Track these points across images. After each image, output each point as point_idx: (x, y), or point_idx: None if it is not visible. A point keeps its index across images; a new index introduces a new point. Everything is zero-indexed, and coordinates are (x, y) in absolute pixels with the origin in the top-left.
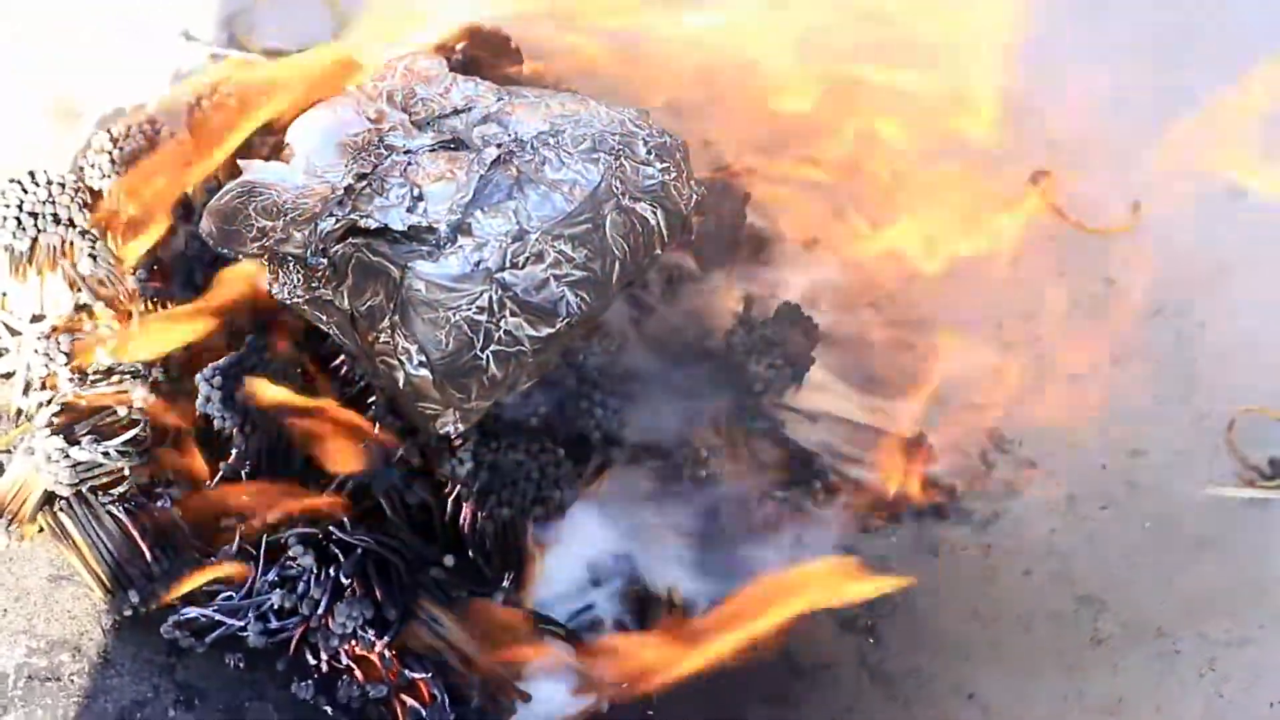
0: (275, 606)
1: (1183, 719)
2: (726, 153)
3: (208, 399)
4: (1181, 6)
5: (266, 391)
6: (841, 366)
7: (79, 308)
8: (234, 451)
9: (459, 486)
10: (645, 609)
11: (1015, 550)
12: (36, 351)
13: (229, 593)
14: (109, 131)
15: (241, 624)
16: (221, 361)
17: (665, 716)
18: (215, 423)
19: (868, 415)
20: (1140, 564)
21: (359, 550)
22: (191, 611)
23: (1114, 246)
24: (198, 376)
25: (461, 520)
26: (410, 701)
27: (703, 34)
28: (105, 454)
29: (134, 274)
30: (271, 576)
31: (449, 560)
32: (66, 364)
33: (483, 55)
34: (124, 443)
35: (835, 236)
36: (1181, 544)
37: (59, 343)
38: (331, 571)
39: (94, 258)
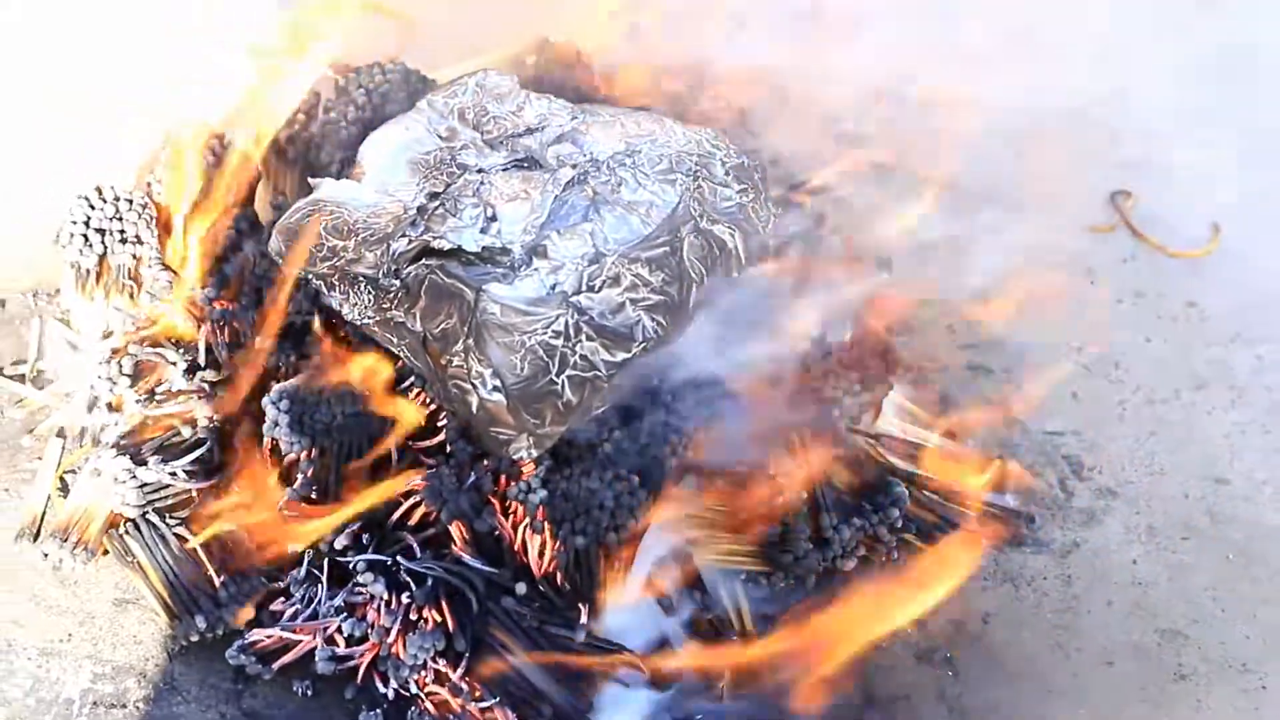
0: (345, 634)
1: None
2: (797, 170)
3: (275, 423)
4: (1262, 27)
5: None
6: (918, 391)
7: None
8: (299, 476)
9: (531, 515)
10: (717, 634)
11: (1096, 581)
12: (100, 376)
13: (294, 615)
14: (174, 145)
15: (309, 646)
16: (288, 384)
17: None
18: (282, 447)
19: (945, 441)
20: (1224, 596)
21: (430, 579)
22: (256, 634)
23: (1194, 269)
24: (265, 400)
25: (534, 550)
26: None
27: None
28: (173, 474)
29: (201, 291)
30: (338, 601)
31: (520, 588)
32: (131, 385)
33: (554, 70)
34: (190, 462)
35: (912, 256)
36: (1266, 576)
37: (121, 365)
38: (403, 599)
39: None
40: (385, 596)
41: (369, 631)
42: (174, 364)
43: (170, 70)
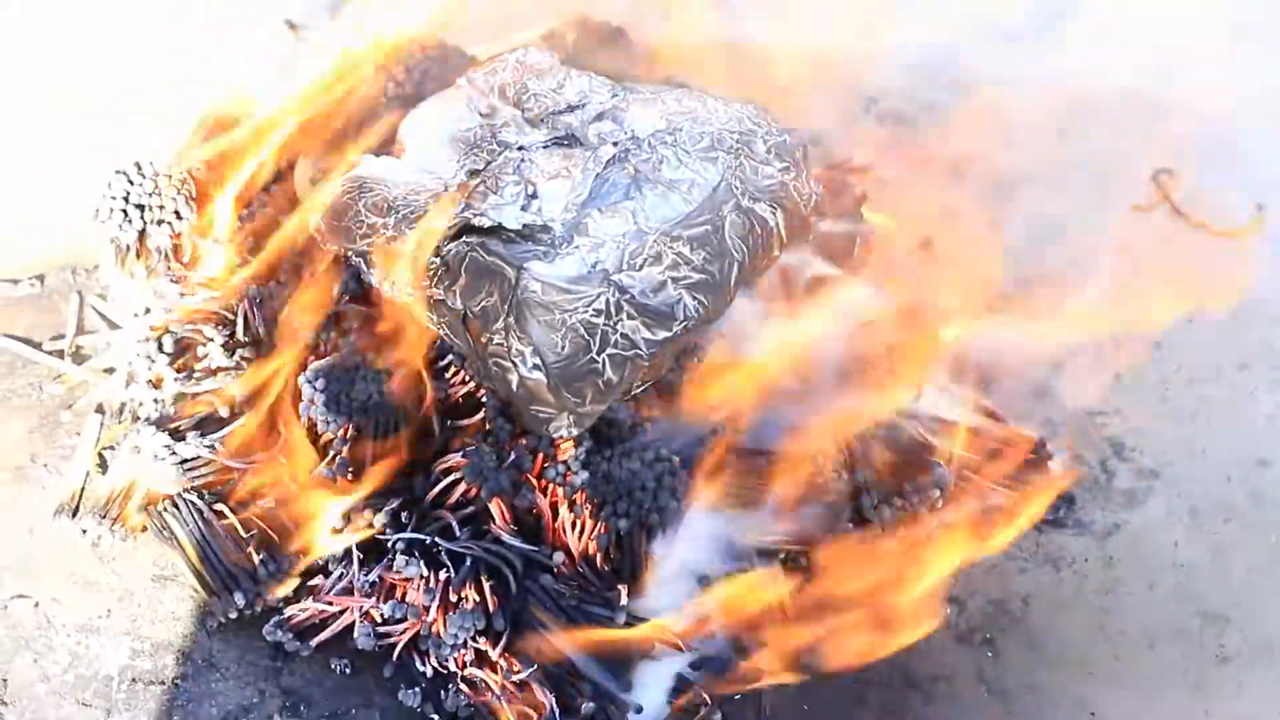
0: (384, 613)
1: None
2: (837, 150)
3: (311, 401)
4: None
5: None
6: (960, 371)
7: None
8: (334, 455)
9: (571, 497)
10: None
11: (1137, 563)
12: (139, 353)
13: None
14: (213, 120)
15: (349, 622)
16: (323, 362)
17: None
18: (319, 426)
19: (987, 421)
20: (1267, 579)
21: (469, 558)
22: (294, 609)
23: (1238, 249)
24: (300, 378)
25: (574, 530)
26: (520, 709)
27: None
28: (210, 449)
29: (240, 268)
30: (373, 577)
31: (559, 557)
32: (170, 363)
33: (594, 47)
34: (227, 435)
35: (951, 236)
36: None
37: (161, 342)
38: (440, 576)
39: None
40: (423, 575)
41: (408, 610)
42: (213, 341)
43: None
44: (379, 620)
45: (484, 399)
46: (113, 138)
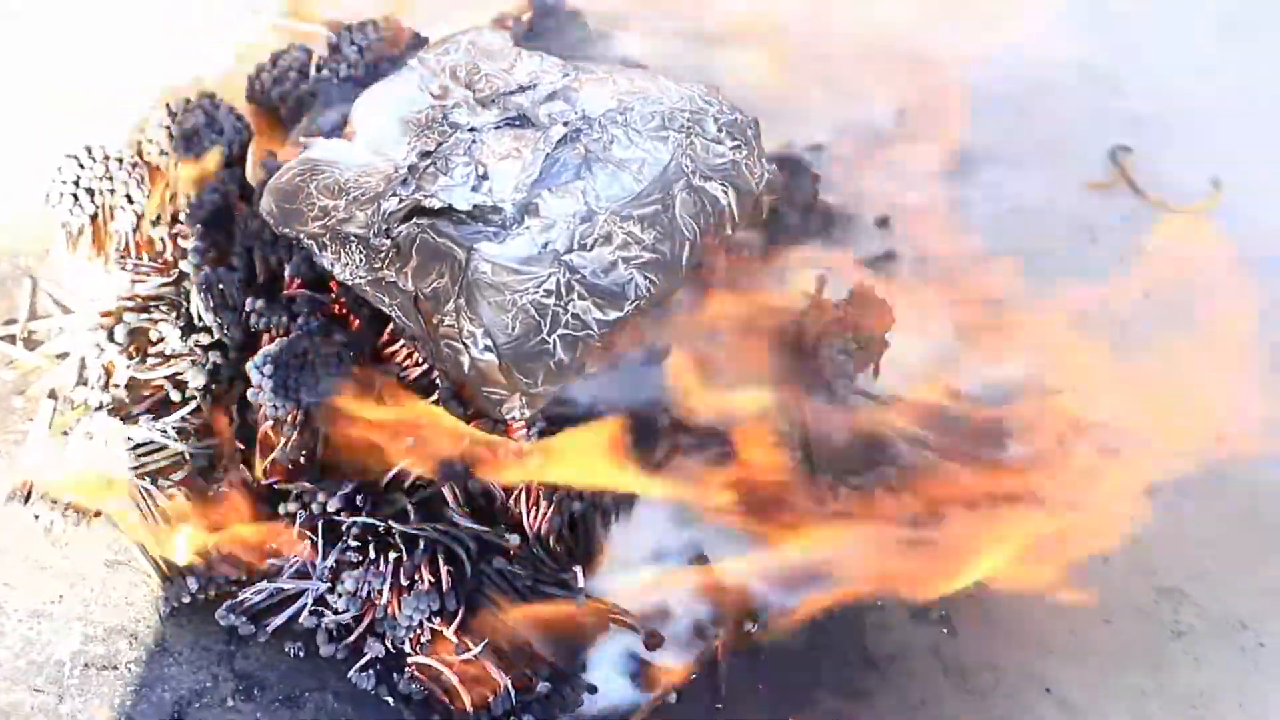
0: (339, 594)
1: (1267, 715)
2: (796, 131)
3: (259, 388)
4: None
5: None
6: (916, 348)
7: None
8: (286, 440)
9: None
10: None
11: (1094, 539)
12: (90, 340)
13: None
14: (168, 106)
15: (302, 605)
16: (272, 348)
17: (733, 708)
18: (268, 412)
19: (944, 399)
20: (1223, 554)
21: (422, 541)
22: (248, 593)
23: (1196, 225)
24: (249, 365)
25: (529, 514)
26: (474, 689)
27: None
28: (163, 432)
29: (192, 253)
30: (330, 561)
31: (514, 539)
32: (122, 349)
33: (547, 28)
34: (180, 419)
35: (910, 215)
36: (1266, 534)
37: (113, 329)
38: (393, 560)
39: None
40: (375, 560)
41: (362, 592)
42: (165, 326)
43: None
44: (333, 604)
45: (437, 382)
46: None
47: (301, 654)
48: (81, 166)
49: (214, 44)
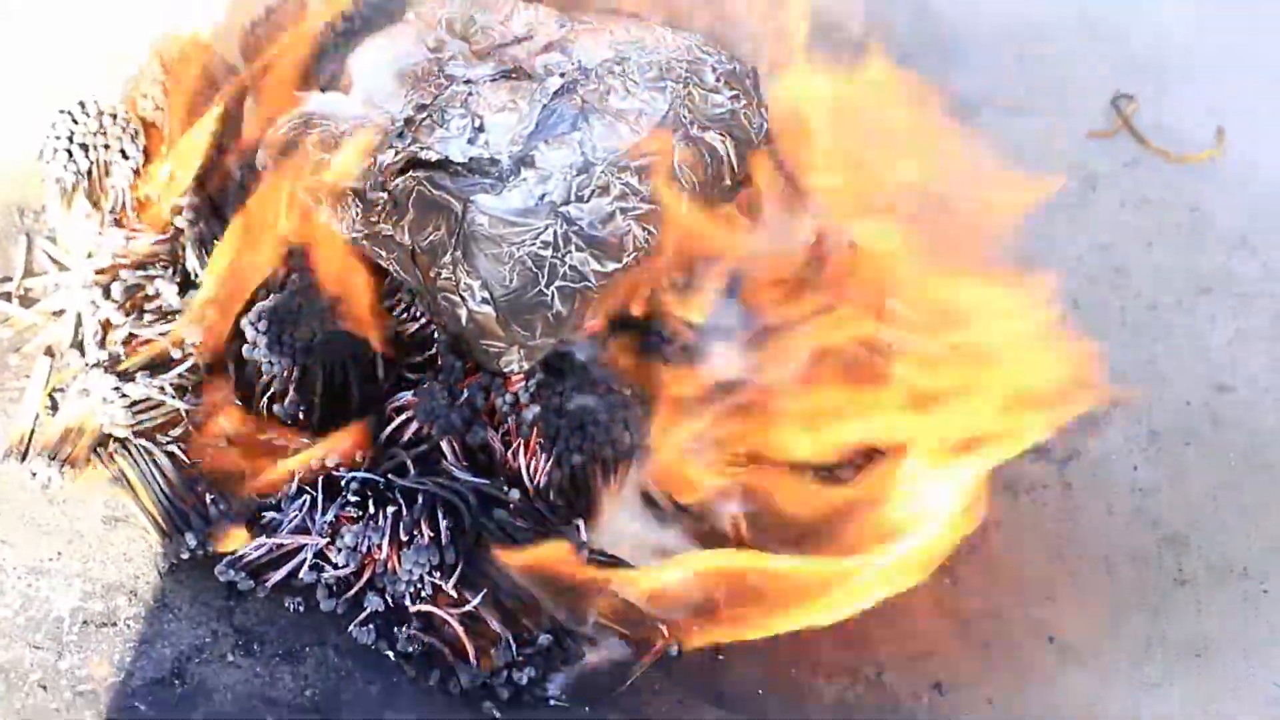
0: (338, 549)
1: (1270, 663)
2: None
3: (253, 344)
4: None
5: None
6: (918, 300)
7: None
8: (286, 396)
9: (525, 434)
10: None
11: (1096, 488)
12: (86, 297)
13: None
14: (161, 59)
15: (301, 561)
16: (266, 303)
17: (736, 658)
18: (263, 369)
19: (946, 349)
20: (1225, 502)
21: (421, 496)
22: (247, 547)
23: (1198, 174)
24: (242, 321)
25: (529, 467)
26: (475, 641)
27: None
28: (160, 388)
29: (188, 209)
30: (329, 517)
31: (514, 494)
32: (118, 306)
33: None
34: (178, 376)
35: (910, 159)
36: (1269, 481)
37: (110, 287)
38: (390, 514)
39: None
40: (374, 515)
41: (362, 547)
42: (162, 283)
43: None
44: (334, 559)
45: (435, 336)
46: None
47: (301, 609)
48: (75, 122)
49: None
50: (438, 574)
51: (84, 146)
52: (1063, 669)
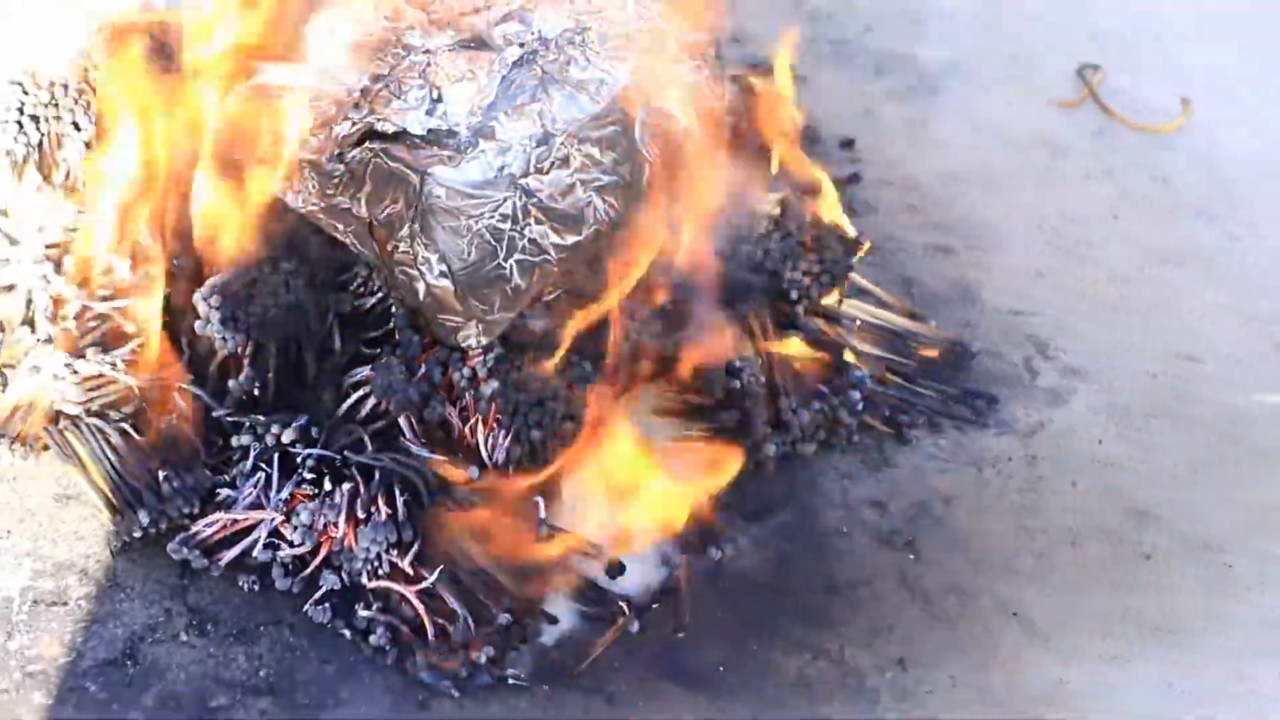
0: (294, 527)
1: (1235, 637)
2: (759, 49)
3: (207, 320)
4: None
5: None
6: (879, 272)
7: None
8: (240, 372)
9: (484, 409)
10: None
11: (1061, 462)
12: (37, 273)
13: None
14: (110, 30)
15: (256, 538)
16: (219, 279)
17: (697, 636)
18: (217, 345)
19: (906, 322)
20: (1192, 476)
21: (379, 473)
22: (200, 525)
23: (1164, 144)
24: (195, 296)
25: (487, 444)
26: (433, 619)
27: None
28: (112, 365)
29: (142, 182)
30: (284, 494)
31: (474, 472)
32: (70, 281)
33: None
34: (130, 351)
35: (873, 135)
36: (1235, 455)
37: (61, 261)
38: (347, 491)
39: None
40: (330, 492)
41: (318, 525)
42: (114, 257)
43: None
44: (289, 537)
45: (392, 310)
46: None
47: (256, 588)
48: (26, 93)
49: None
50: (395, 551)
51: (34, 118)
52: (1027, 645)
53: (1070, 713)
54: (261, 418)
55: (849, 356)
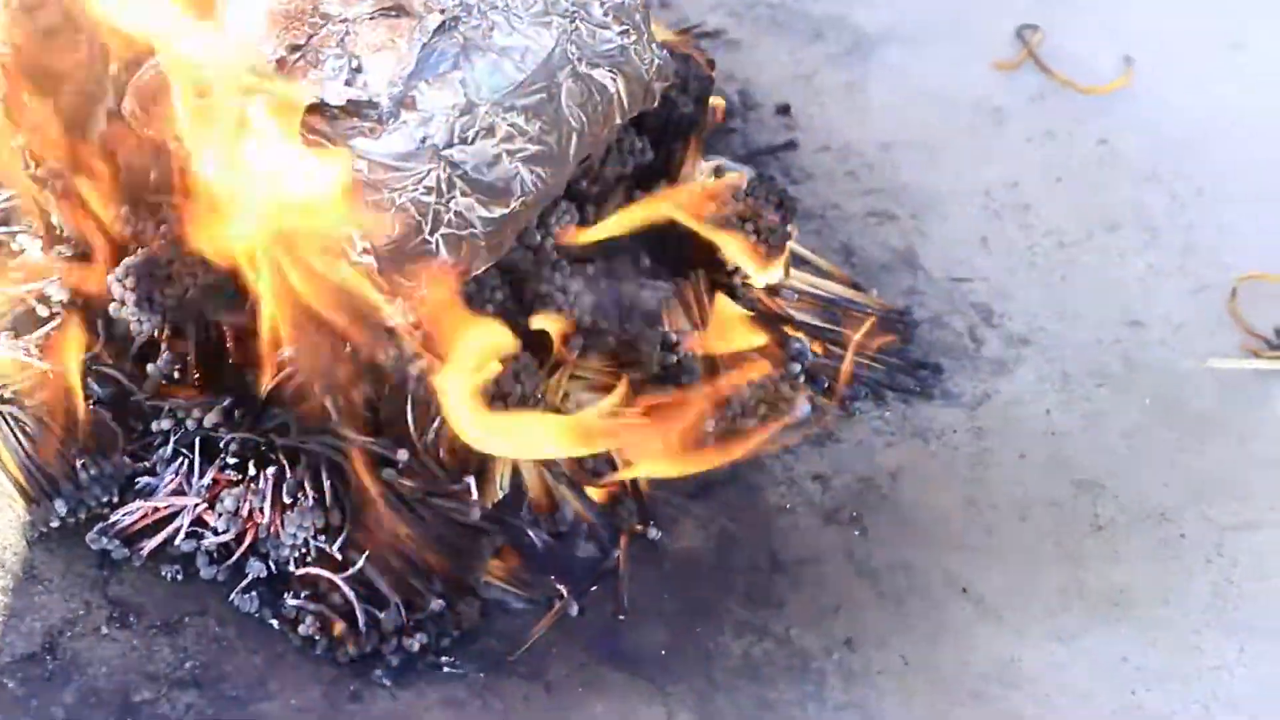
0: (218, 514)
1: (1190, 608)
2: (690, 13)
3: (122, 302)
4: None
5: None
6: (819, 240)
7: None
8: (158, 355)
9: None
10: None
11: (1009, 433)
12: None
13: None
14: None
15: (179, 526)
16: (134, 260)
17: (637, 618)
18: (133, 327)
19: (847, 291)
20: (1141, 445)
21: (305, 456)
22: (120, 514)
23: (1106, 106)
24: (108, 278)
25: (417, 424)
26: (361, 608)
27: None
28: (25, 350)
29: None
30: (207, 479)
31: (402, 454)
32: None
33: None
34: (44, 336)
35: (810, 101)
36: (1184, 422)
37: None
38: (272, 477)
39: None
40: (255, 475)
41: (243, 511)
42: (25, 238)
43: None
44: (213, 524)
45: None
46: None
47: (180, 577)
48: None
49: None
50: (323, 537)
51: None
52: (978, 622)
53: (1023, 690)
54: (182, 401)
55: (788, 329)
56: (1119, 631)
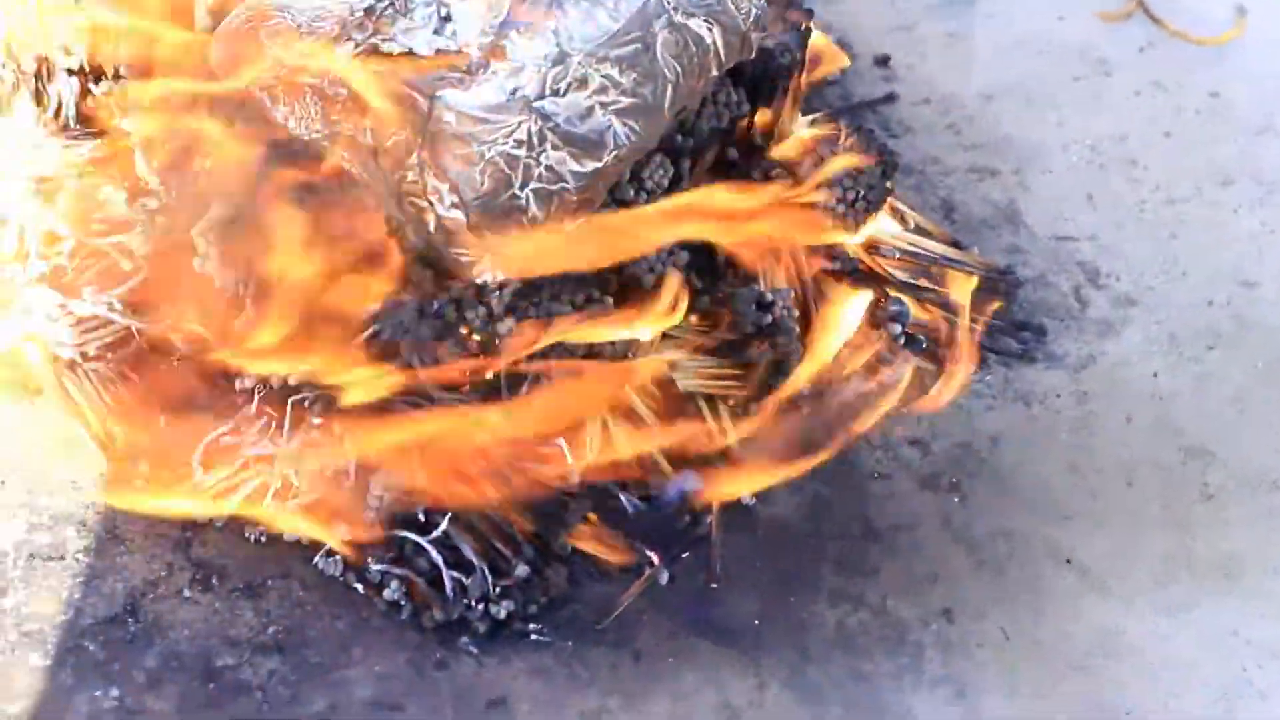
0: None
1: None
2: None
3: (205, 256)
4: None
5: None
6: (918, 197)
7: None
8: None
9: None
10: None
11: (1114, 397)
12: (29, 207)
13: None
14: None
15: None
16: (218, 210)
17: (728, 586)
18: (217, 281)
19: (948, 250)
20: (1252, 410)
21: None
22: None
23: (1216, 57)
24: (193, 231)
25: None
26: (447, 574)
27: None
28: (109, 305)
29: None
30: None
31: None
32: (64, 216)
33: None
34: (128, 291)
35: (909, 52)
36: None
37: (55, 194)
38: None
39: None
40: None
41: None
42: (110, 190)
43: None
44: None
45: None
46: None
47: (263, 540)
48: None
49: None
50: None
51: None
52: (1082, 593)
53: (1127, 663)
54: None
55: (888, 287)
56: (1228, 603)
